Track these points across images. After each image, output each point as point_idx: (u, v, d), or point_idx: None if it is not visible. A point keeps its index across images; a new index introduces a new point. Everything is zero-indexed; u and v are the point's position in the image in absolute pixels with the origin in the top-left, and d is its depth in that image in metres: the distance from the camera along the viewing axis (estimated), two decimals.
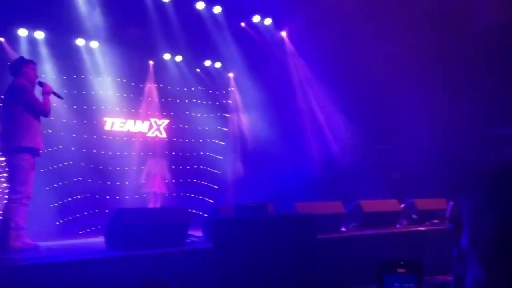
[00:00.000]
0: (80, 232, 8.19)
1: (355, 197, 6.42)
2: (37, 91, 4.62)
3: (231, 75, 10.80)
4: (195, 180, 9.81)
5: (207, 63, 10.18)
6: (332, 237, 4.20)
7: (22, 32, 7.92)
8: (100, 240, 5.35)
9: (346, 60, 8.07)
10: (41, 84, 4.61)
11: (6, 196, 4.26)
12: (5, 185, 5.66)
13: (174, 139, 10.02)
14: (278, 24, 9.10)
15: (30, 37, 8.06)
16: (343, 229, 4.99)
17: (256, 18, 8.82)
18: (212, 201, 10.05)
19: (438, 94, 6.98)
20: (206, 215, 9.37)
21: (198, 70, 10.25)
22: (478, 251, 0.90)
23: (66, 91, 8.60)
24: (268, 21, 8.94)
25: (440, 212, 5.20)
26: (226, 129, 10.76)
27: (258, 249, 3.12)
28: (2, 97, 4.61)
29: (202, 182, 10.05)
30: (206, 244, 4.04)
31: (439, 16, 6.94)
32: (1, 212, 4.66)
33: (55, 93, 4.67)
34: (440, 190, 6.81)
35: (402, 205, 5.50)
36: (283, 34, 9.32)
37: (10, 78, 4.56)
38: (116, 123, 9.38)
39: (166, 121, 10.05)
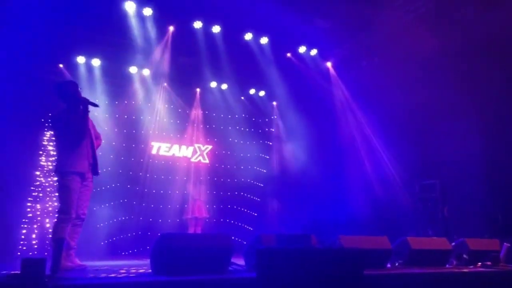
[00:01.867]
0: (123, 253, 8.39)
1: (397, 232, 6.23)
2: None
3: (274, 103, 10.93)
4: (235, 207, 9.86)
5: (252, 91, 10.37)
6: (378, 274, 4.06)
7: (81, 60, 8.41)
8: (144, 262, 5.46)
9: (391, 92, 7.99)
10: (81, 102, 4.54)
11: (57, 215, 4.43)
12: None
13: (217, 165, 10.16)
14: (324, 55, 9.17)
15: (88, 64, 8.54)
16: (389, 266, 4.83)
17: (302, 49, 8.94)
18: (251, 229, 10.04)
19: (488, 131, 6.72)
20: (245, 242, 9.36)
21: (242, 98, 10.45)
22: None
23: (117, 115, 9.03)
24: (313, 52, 9.04)
25: (492, 253, 4.93)
26: (267, 157, 10.82)
27: (302, 282, 3.07)
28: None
29: (242, 209, 10.08)
30: (248, 273, 4.03)
31: (488, 47, 6.73)
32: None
33: (90, 103, 4.59)
34: (488, 229, 6.48)
35: (452, 244, 5.26)
36: (328, 64, 9.37)
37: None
38: (162, 148, 9.67)
39: (210, 147, 10.24)
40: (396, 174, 8.14)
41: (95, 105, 4.61)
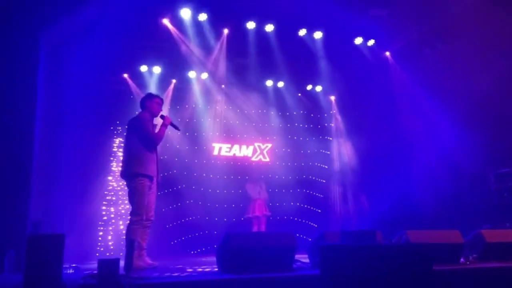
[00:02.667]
0: (192, 252, 8.70)
1: (468, 226, 5.89)
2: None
3: (332, 98, 10.77)
4: (298, 204, 9.83)
5: (309, 87, 10.28)
6: (450, 269, 3.88)
7: (143, 68, 8.82)
8: (211, 260, 5.62)
9: (458, 78, 7.55)
10: (162, 117, 5.00)
11: (129, 217, 4.68)
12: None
13: (277, 163, 10.20)
14: (382, 45, 8.88)
15: (149, 71, 8.93)
16: (462, 261, 4.59)
17: (358, 40, 8.72)
18: (316, 225, 9.97)
19: None
20: (310, 239, 9.32)
21: (299, 94, 10.40)
22: None
23: (179, 119, 9.36)
24: (371, 42, 8.78)
25: None
26: (328, 152, 10.68)
27: (368, 279, 3.01)
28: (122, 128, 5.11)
29: (305, 206, 10.04)
30: (313, 270, 4.02)
31: None
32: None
33: (173, 125, 5.02)
34: None
35: None
36: (387, 54, 9.05)
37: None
38: (223, 148, 9.89)
39: (270, 145, 10.31)
40: (466, 164, 7.68)
41: (177, 129, 5.08)
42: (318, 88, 10.34)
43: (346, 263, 3.04)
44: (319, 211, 10.21)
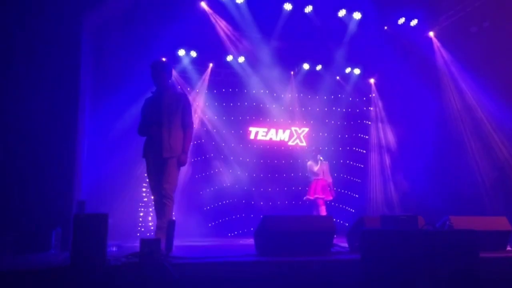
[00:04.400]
0: (229, 234, 8.83)
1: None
2: None
3: (372, 81, 10.49)
4: (335, 188, 9.73)
5: (347, 70, 10.03)
6: (495, 257, 3.73)
7: (181, 52, 8.86)
8: (249, 242, 5.67)
9: (506, 58, 7.15)
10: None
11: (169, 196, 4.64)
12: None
13: (314, 148, 10.07)
14: (425, 24, 8.50)
15: (187, 56, 8.98)
16: (509, 248, 4.41)
17: (400, 20, 8.40)
18: (353, 210, 9.85)
19: None
20: (347, 224, 9.22)
21: (338, 77, 10.19)
22: None
23: (216, 103, 9.41)
24: (414, 22, 8.43)
25: None
26: (366, 137, 10.45)
27: (409, 265, 2.93)
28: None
29: (343, 191, 9.91)
30: (352, 255, 3.97)
31: None
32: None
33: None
34: None
35: None
36: (431, 34, 8.67)
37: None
38: (260, 132, 9.87)
39: (306, 130, 10.20)
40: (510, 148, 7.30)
41: None
42: (357, 71, 10.07)
43: (388, 248, 2.98)
44: (357, 196, 10.06)
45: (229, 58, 9.20)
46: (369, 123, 10.50)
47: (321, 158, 8.33)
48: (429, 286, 2.82)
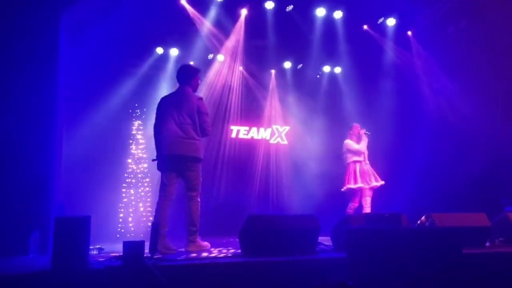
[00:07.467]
0: (214, 234, 8.74)
1: (495, 209, 5.77)
2: None
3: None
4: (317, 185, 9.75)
5: (326, 68, 10.08)
6: (476, 253, 3.80)
7: (159, 50, 8.73)
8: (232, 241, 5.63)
9: (483, 59, 7.31)
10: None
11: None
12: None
13: (296, 145, 10.11)
14: (403, 24, 8.64)
15: (166, 54, 8.86)
16: (488, 244, 4.51)
17: (379, 20, 8.51)
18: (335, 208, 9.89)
19: None
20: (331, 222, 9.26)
21: (318, 76, 10.23)
22: None
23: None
24: (391, 22, 8.55)
25: None
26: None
27: (394, 262, 2.96)
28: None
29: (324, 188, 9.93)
30: (336, 253, 3.98)
31: None
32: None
33: None
34: None
35: None
36: (409, 33, 8.81)
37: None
38: (241, 131, 9.83)
39: (288, 128, 10.21)
40: (492, 144, 7.48)
41: None
42: (337, 70, 10.13)
43: (373, 246, 3.00)
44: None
45: (210, 56, 9.13)
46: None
47: (367, 132, 6.99)
48: (414, 283, 2.85)
